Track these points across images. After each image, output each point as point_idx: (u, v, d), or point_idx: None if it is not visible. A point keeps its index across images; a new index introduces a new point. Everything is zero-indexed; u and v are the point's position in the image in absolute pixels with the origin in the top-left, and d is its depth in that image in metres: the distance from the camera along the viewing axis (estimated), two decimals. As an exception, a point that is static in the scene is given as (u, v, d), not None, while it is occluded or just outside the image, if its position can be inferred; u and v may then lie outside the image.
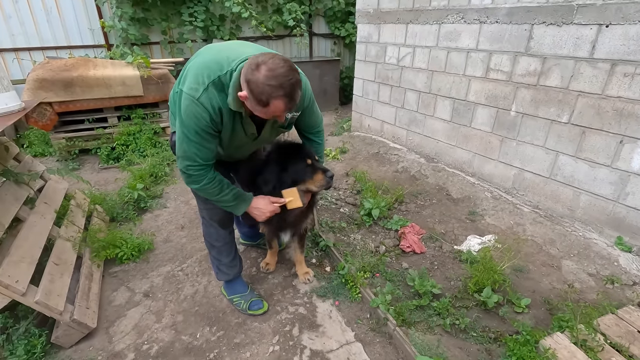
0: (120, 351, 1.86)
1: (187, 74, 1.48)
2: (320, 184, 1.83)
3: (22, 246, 1.90)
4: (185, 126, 1.46)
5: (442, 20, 3.42)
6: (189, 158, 1.53)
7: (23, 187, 2.30)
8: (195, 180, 1.59)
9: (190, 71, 1.48)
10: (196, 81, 1.42)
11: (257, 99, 1.31)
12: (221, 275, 2.13)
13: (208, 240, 2.06)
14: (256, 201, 1.78)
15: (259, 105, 1.34)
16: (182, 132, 1.48)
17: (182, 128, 1.48)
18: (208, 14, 5.70)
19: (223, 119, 1.49)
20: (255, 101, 1.33)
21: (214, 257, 2.09)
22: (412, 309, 2.02)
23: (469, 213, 3.03)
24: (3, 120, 1.92)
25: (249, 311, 2.07)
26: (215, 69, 1.42)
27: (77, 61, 4.13)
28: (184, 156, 1.53)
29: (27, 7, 4.93)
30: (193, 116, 1.43)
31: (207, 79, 1.41)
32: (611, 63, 2.33)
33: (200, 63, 1.47)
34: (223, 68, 1.42)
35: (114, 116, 4.38)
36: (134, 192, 3.15)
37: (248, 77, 1.30)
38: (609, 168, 2.47)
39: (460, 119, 3.51)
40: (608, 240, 2.54)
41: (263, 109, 1.36)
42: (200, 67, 1.45)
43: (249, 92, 1.32)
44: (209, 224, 1.99)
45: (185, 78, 1.48)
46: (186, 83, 1.45)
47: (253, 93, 1.30)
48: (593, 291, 2.17)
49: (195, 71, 1.45)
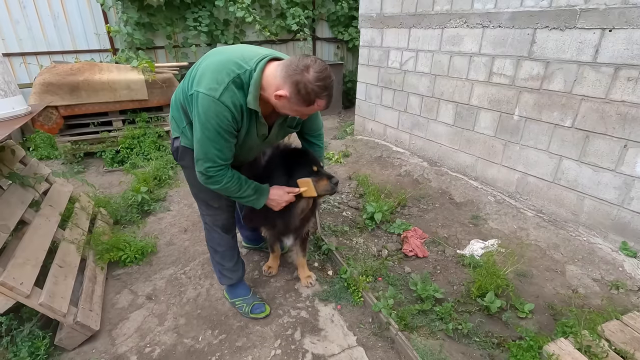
0: (123, 354, 1.86)
1: (202, 75, 1.45)
2: (325, 190, 1.85)
3: (27, 248, 1.92)
4: (206, 128, 1.45)
5: (445, 24, 3.43)
6: (210, 159, 1.51)
7: (29, 190, 2.32)
8: (217, 181, 1.58)
9: (206, 72, 1.45)
10: (215, 81, 1.41)
11: (303, 98, 1.39)
12: (224, 279, 2.13)
13: (211, 245, 2.05)
14: (272, 192, 1.77)
15: (303, 104, 1.41)
16: (203, 134, 1.46)
17: (203, 130, 1.46)
18: (212, 18, 5.76)
19: (243, 118, 1.51)
20: (300, 100, 1.40)
21: (217, 262, 2.08)
22: (415, 314, 2.01)
23: (472, 217, 3.02)
24: (10, 124, 1.95)
25: (251, 314, 2.07)
26: (234, 68, 1.44)
27: (83, 65, 4.18)
28: (205, 158, 1.51)
29: (34, 12, 5.00)
30: (215, 116, 1.42)
31: (227, 77, 1.42)
32: (615, 67, 2.33)
33: (217, 63, 1.46)
34: (241, 67, 1.44)
35: (119, 120, 4.42)
36: (137, 195, 3.17)
37: (296, 79, 1.36)
38: (613, 172, 2.45)
39: (463, 123, 3.50)
40: (613, 245, 2.52)
41: (305, 107, 1.43)
42: (218, 67, 1.45)
43: (294, 91, 1.38)
44: (212, 229, 1.98)
45: (200, 79, 1.45)
46: (202, 84, 1.43)
47: (300, 93, 1.38)
48: (597, 297, 2.16)
49: (213, 71, 1.44)
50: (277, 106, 1.50)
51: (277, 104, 1.48)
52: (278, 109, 1.52)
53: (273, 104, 1.49)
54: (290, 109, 1.48)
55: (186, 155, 1.70)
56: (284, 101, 1.44)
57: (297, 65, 1.37)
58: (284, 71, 1.39)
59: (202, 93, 1.42)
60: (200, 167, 1.55)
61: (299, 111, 1.49)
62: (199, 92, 1.43)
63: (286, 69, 1.39)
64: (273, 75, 1.43)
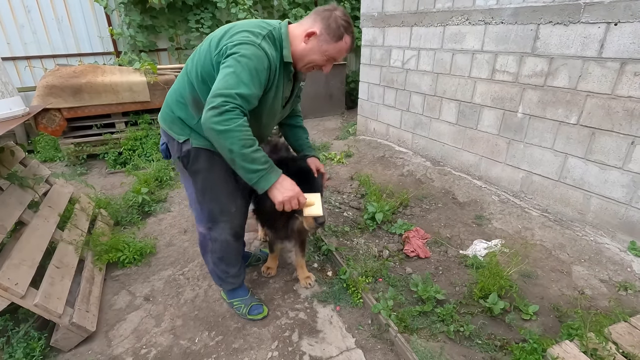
0: (119, 355, 1.84)
1: (233, 35, 1.42)
2: (310, 227, 1.76)
3: (24, 249, 1.91)
4: (240, 64, 1.35)
5: (447, 22, 3.39)
6: (230, 95, 1.32)
7: (28, 190, 2.32)
8: (229, 119, 1.31)
9: (236, 32, 1.43)
10: (252, 33, 1.42)
11: (334, 33, 1.48)
12: (226, 285, 2.04)
13: (216, 256, 1.89)
14: (283, 178, 1.51)
15: (333, 39, 1.49)
16: (235, 69, 1.34)
17: (235, 66, 1.35)
18: (214, 20, 5.78)
19: (276, 72, 1.50)
20: (331, 35, 1.48)
21: (222, 270, 1.96)
22: (415, 315, 1.97)
23: (475, 217, 2.96)
24: (6, 124, 1.95)
25: (249, 316, 2.04)
26: (263, 25, 1.48)
27: (86, 68, 4.21)
28: (226, 92, 1.32)
29: (39, 16, 5.06)
30: (254, 57, 1.38)
31: (261, 31, 1.45)
32: (621, 62, 2.26)
33: (242, 25, 1.48)
34: (270, 24, 1.50)
35: (122, 122, 4.43)
36: (138, 196, 3.17)
37: (326, 14, 1.48)
38: (620, 170, 2.39)
39: (466, 122, 3.45)
40: (621, 245, 2.45)
41: (334, 44, 1.50)
42: (246, 26, 1.46)
43: (325, 26, 1.47)
44: (221, 239, 1.81)
45: (231, 39, 1.41)
46: (237, 37, 1.40)
47: (331, 27, 1.47)
48: (605, 298, 2.09)
49: (244, 30, 1.44)
50: (304, 52, 1.53)
51: (305, 49, 1.52)
52: (304, 56, 1.54)
53: (299, 54, 1.53)
54: (318, 49, 1.51)
55: (200, 157, 1.61)
56: (313, 41, 1.50)
57: (324, 7, 1.51)
58: (312, 14, 1.52)
59: (243, 43, 1.39)
60: (215, 101, 1.32)
61: (327, 51, 1.51)
62: (233, 43, 1.40)
63: (314, 12, 1.52)
64: (298, 27, 1.53)
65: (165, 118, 1.68)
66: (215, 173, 1.67)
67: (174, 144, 1.65)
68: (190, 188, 1.79)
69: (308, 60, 1.56)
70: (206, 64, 1.49)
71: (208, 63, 1.48)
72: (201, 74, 1.51)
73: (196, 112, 1.56)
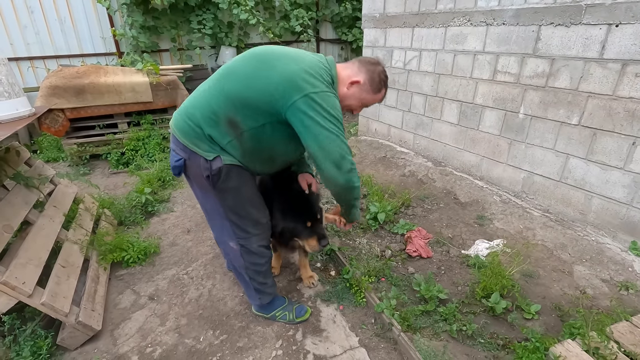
0: (124, 354, 1.86)
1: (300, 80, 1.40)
2: (312, 249, 1.89)
3: (30, 248, 1.93)
4: (336, 121, 1.45)
5: (449, 23, 3.41)
6: (349, 152, 1.51)
7: (33, 190, 2.34)
8: (356, 173, 1.57)
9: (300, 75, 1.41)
10: (319, 79, 1.46)
11: (375, 85, 1.64)
12: (266, 297, 1.97)
13: (252, 269, 1.82)
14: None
15: (372, 91, 1.65)
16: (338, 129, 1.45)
17: (334, 125, 1.43)
18: (216, 21, 5.80)
19: None
20: (372, 86, 1.63)
21: (260, 283, 1.89)
22: (418, 315, 1.98)
23: (477, 217, 2.98)
24: (13, 124, 1.97)
25: (297, 319, 2.02)
26: (323, 66, 1.52)
27: (89, 68, 4.23)
28: (346, 153, 1.49)
29: (42, 17, 5.08)
30: (334, 107, 1.46)
31: (325, 74, 1.50)
32: (622, 63, 2.28)
33: (306, 63, 1.47)
34: (326, 65, 1.55)
35: (124, 122, 4.46)
36: (141, 196, 3.19)
37: (371, 68, 1.63)
38: (621, 170, 2.40)
39: (468, 122, 3.46)
40: (622, 245, 2.47)
41: (372, 95, 1.66)
42: (311, 67, 1.46)
43: (369, 78, 1.62)
44: (255, 250, 1.77)
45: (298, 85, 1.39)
46: (306, 87, 1.39)
47: (374, 80, 1.63)
48: (606, 297, 2.10)
49: (309, 72, 1.44)
50: (345, 96, 1.63)
51: (346, 94, 1.63)
52: (343, 99, 1.63)
53: (340, 97, 1.60)
54: (357, 96, 1.64)
55: (232, 174, 1.55)
56: (354, 89, 1.62)
57: (369, 60, 1.66)
58: (358, 64, 1.65)
59: (320, 92, 1.42)
60: (347, 164, 1.50)
61: (364, 99, 1.66)
62: (315, 92, 1.40)
63: (359, 62, 1.65)
64: (344, 71, 1.63)
65: (187, 132, 1.51)
66: (247, 188, 1.65)
67: (199, 161, 1.51)
68: (213, 205, 1.68)
69: (346, 103, 1.66)
70: (264, 99, 1.43)
71: (267, 100, 1.42)
72: (253, 102, 1.44)
73: (229, 132, 1.48)
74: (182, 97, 4.60)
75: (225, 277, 2.42)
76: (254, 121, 1.47)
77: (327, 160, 1.46)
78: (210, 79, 1.60)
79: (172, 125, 1.60)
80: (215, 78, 1.55)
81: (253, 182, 1.70)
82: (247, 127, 1.47)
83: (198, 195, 1.74)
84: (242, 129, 1.48)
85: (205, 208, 1.80)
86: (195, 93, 1.61)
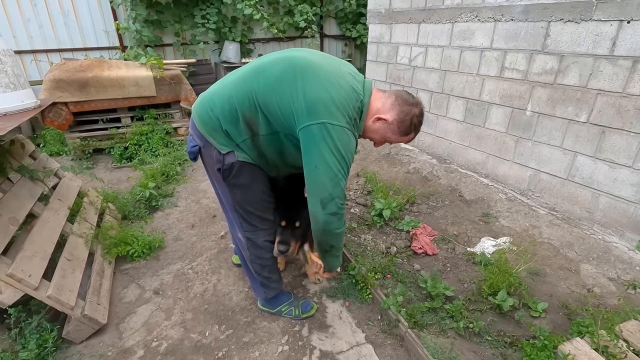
0: (130, 347, 1.86)
1: (323, 102, 1.34)
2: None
3: (36, 241, 1.92)
4: (343, 160, 1.38)
5: (456, 19, 3.38)
6: (343, 195, 1.42)
7: (38, 183, 2.33)
8: (344, 221, 1.50)
9: (325, 98, 1.35)
10: (341, 114, 1.37)
11: (405, 128, 1.53)
12: (271, 291, 1.96)
13: (258, 262, 1.83)
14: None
15: (401, 132, 1.54)
16: (342, 168, 1.38)
17: (340, 163, 1.37)
18: (220, 16, 5.77)
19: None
20: (400, 128, 1.52)
21: (265, 277, 1.89)
22: (424, 311, 1.97)
23: (482, 215, 2.96)
24: (19, 116, 1.96)
25: (303, 315, 2.01)
26: (354, 97, 1.44)
27: (92, 62, 4.20)
28: (341, 194, 1.41)
29: (45, 10, 5.05)
30: (349, 147, 1.39)
31: (352, 106, 1.42)
32: (633, 60, 2.25)
33: (337, 87, 1.38)
34: (359, 95, 1.46)
35: (127, 116, 4.43)
36: (145, 191, 3.17)
37: (406, 109, 1.50)
38: (630, 169, 2.38)
39: (474, 119, 3.44)
40: (629, 244, 2.45)
41: (398, 136, 1.56)
42: (340, 99, 1.38)
43: (399, 119, 1.50)
44: (262, 244, 1.78)
45: (320, 107, 1.33)
46: (326, 114, 1.33)
47: (403, 123, 1.51)
48: (614, 296, 2.09)
49: (335, 105, 1.36)
50: (369, 128, 1.56)
51: (370, 127, 1.55)
52: (366, 131, 1.58)
53: (364, 127, 1.55)
54: (381, 133, 1.56)
55: (244, 171, 1.55)
56: (380, 124, 1.53)
57: (407, 98, 1.52)
58: (394, 98, 1.51)
59: (338, 126, 1.34)
60: (334, 207, 1.41)
61: (388, 137, 1.57)
62: (332, 124, 1.33)
63: (396, 97, 1.52)
64: (377, 102, 1.53)
65: (206, 122, 1.50)
66: (257, 185, 1.63)
67: (213, 152, 1.51)
68: (224, 194, 1.70)
69: (368, 135, 1.61)
70: (285, 109, 1.39)
71: (287, 112, 1.39)
72: (273, 108, 1.41)
73: (246, 131, 1.47)
74: (186, 92, 4.57)
75: (230, 272, 2.41)
76: (269, 127, 1.44)
77: (316, 195, 1.40)
78: (241, 70, 1.54)
79: (193, 110, 1.58)
80: (246, 72, 1.50)
81: (265, 181, 1.66)
82: (263, 131, 1.45)
83: (212, 181, 1.76)
84: (257, 131, 1.46)
85: (218, 195, 1.82)
86: (224, 81, 1.56)
